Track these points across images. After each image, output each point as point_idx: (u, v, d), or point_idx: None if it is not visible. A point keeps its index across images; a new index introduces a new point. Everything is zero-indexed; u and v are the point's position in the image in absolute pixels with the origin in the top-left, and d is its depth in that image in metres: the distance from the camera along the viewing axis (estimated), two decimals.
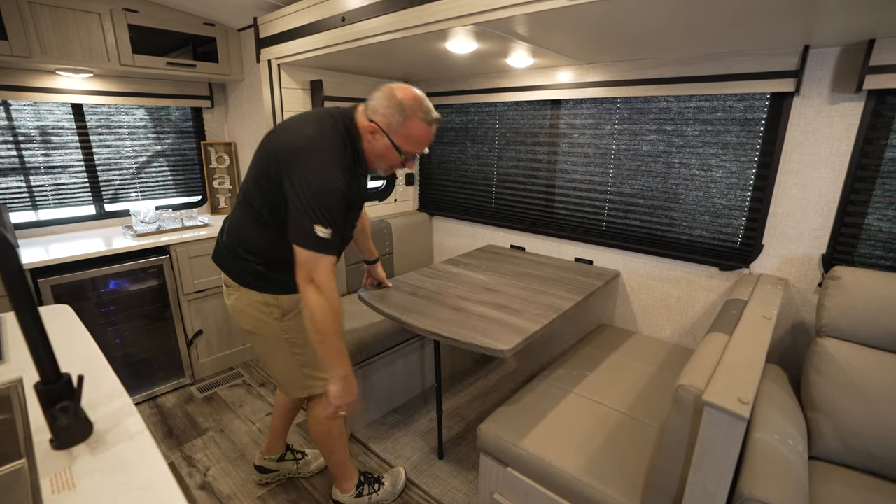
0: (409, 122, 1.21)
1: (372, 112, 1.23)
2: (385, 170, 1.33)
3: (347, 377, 1.25)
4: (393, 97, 1.20)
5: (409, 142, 1.24)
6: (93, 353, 1.06)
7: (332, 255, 1.16)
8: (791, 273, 1.71)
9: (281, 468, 1.81)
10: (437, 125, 1.29)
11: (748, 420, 0.86)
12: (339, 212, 1.16)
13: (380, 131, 1.22)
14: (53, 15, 1.94)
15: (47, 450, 0.72)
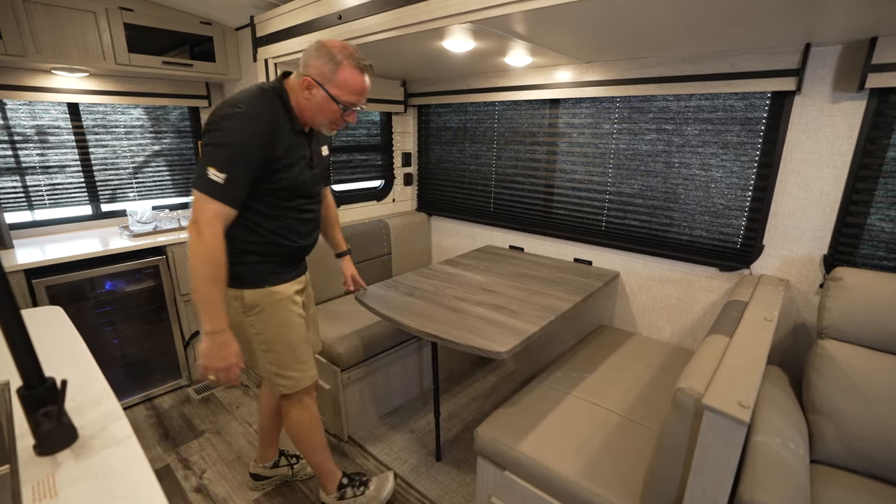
0: (342, 70, 1.21)
1: (304, 67, 1.23)
2: (328, 127, 1.31)
3: (218, 335, 1.17)
4: (322, 48, 1.21)
5: (344, 90, 1.22)
6: (82, 356, 1.04)
7: (221, 203, 1.14)
8: (792, 274, 1.69)
9: (276, 474, 1.78)
10: (371, 74, 1.28)
11: (749, 424, 0.84)
12: (241, 161, 1.14)
13: (315, 84, 1.21)
14: (48, 14, 1.92)
15: (31, 456, 0.71)
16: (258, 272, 1.33)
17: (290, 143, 1.26)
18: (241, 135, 1.14)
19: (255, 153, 1.17)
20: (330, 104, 1.23)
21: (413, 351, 2.23)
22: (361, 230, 2.54)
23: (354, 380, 1.98)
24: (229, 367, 1.20)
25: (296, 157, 1.29)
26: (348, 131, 2.63)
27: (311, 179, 1.38)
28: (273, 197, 1.29)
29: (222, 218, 1.16)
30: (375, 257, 2.63)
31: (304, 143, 1.33)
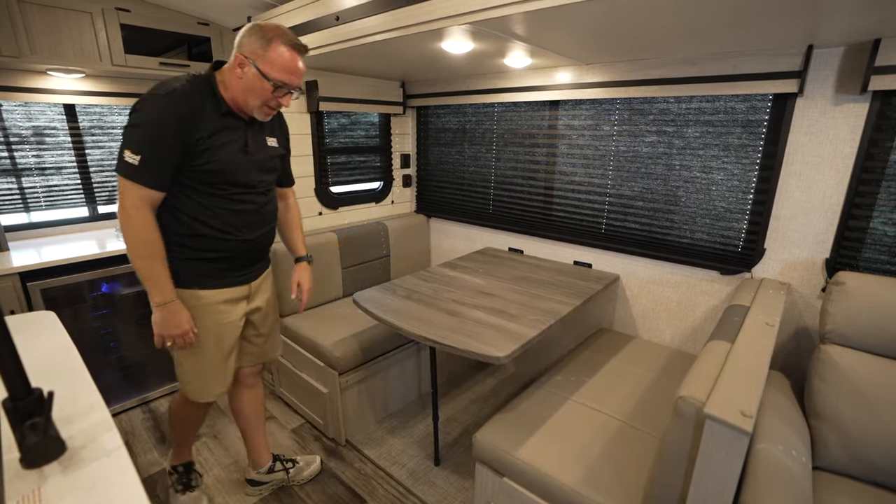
0: (273, 47, 1.21)
1: (237, 47, 1.23)
2: (260, 110, 1.29)
3: (168, 305, 1.23)
4: (254, 27, 1.22)
5: (276, 68, 1.22)
6: (74, 364, 1.02)
7: (139, 185, 1.16)
8: (794, 277, 1.68)
9: (272, 479, 1.77)
10: (305, 54, 1.28)
11: (751, 435, 0.82)
12: (156, 141, 1.15)
13: (247, 61, 1.21)
14: (44, 14, 1.90)
15: (17, 469, 0.69)
16: (190, 271, 1.32)
17: (216, 126, 1.24)
18: (154, 116, 1.15)
19: (170, 132, 1.16)
20: (261, 82, 1.22)
21: (411, 354, 2.21)
22: (360, 232, 2.53)
23: (352, 383, 1.96)
24: (184, 332, 1.27)
25: (223, 140, 1.26)
26: (346, 132, 2.62)
27: (247, 166, 1.33)
28: (202, 183, 1.26)
29: (145, 200, 1.18)
30: (374, 259, 2.62)
31: (238, 127, 1.30)
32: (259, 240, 1.43)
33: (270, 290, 1.59)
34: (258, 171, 1.37)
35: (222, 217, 1.31)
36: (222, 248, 1.35)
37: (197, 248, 1.31)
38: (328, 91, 2.29)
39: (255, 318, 1.53)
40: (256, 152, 1.36)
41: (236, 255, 1.39)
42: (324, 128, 2.46)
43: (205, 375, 1.42)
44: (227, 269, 1.39)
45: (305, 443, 2.04)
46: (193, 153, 1.21)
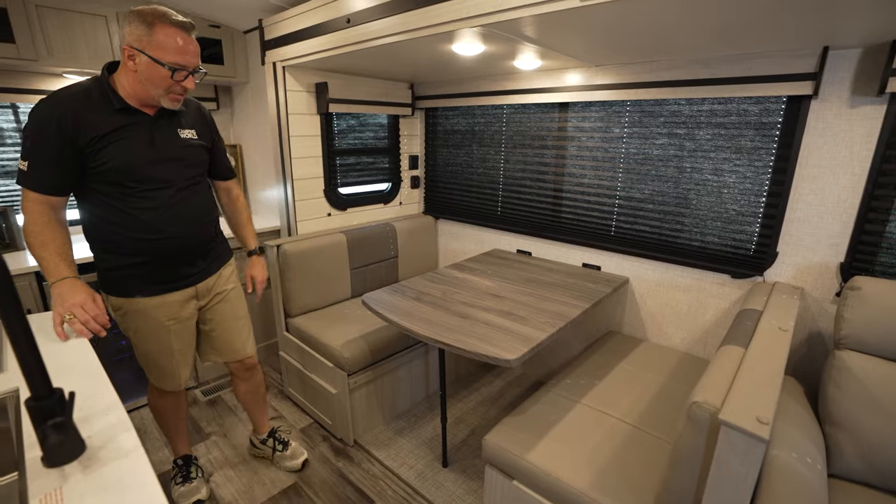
0: (156, 29, 1.17)
1: (123, 40, 1.20)
2: (167, 98, 1.26)
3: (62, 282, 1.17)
4: (133, 14, 1.18)
5: (166, 50, 1.18)
6: (91, 364, 1.04)
7: (29, 189, 1.19)
8: (807, 282, 1.66)
9: (262, 450, 1.92)
10: (193, 31, 1.25)
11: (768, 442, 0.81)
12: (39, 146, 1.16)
13: (135, 51, 1.17)
14: (60, 18, 1.93)
15: (39, 467, 0.70)
16: (123, 279, 1.33)
17: (112, 124, 1.22)
18: (36, 123, 1.16)
19: (52, 136, 1.16)
20: (156, 69, 1.19)
21: (419, 355, 2.22)
22: (368, 233, 2.54)
23: (361, 384, 1.97)
24: (83, 301, 1.16)
25: (121, 136, 1.24)
26: (355, 133, 2.63)
27: (153, 160, 1.29)
28: (111, 184, 1.25)
29: (40, 203, 1.20)
30: (382, 260, 2.62)
31: (140, 122, 1.27)
32: (187, 236, 1.39)
33: (230, 288, 1.59)
34: (170, 164, 1.33)
35: (139, 217, 1.29)
36: (147, 251, 1.33)
37: (123, 254, 1.31)
38: (337, 93, 2.30)
39: (210, 315, 1.56)
40: (165, 145, 1.32)
41: (164, 256, 1.36)
42: (333, 129, 2.47)
43: (156, 369, 1.49)
44: (160, 272, 1.37)
45: (314, 443, 2.04)
46: (89, 155, 1.21)
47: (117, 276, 1.33)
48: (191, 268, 1.45)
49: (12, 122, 2.18)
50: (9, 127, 2.17)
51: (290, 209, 2.34)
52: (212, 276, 1.52)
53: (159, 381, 1.53)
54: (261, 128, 2.58)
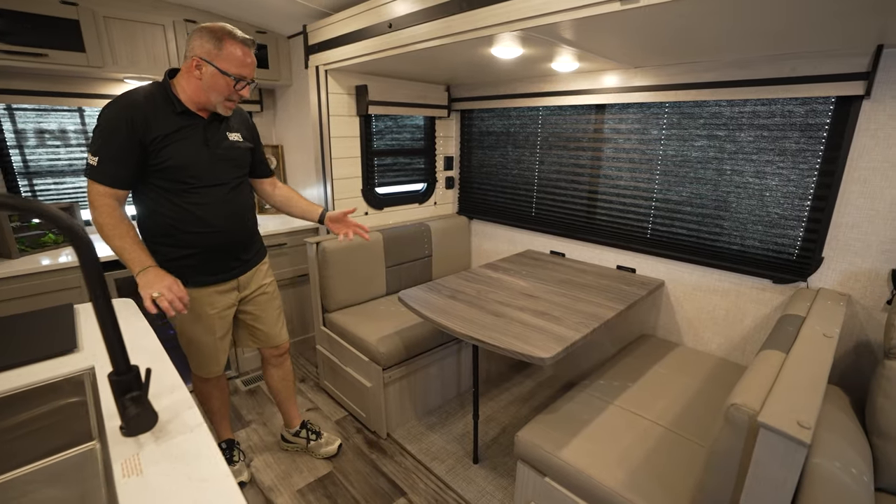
0: (225, 45, 1.31)
1: (190, 52, 1.32)
2: (223, 105, 1.39)
3: (147, 271, 1.28)
4: (203, 30, 1.32)
5: (232, 63, 1.33)
6: (154, 346, 1.13)
7: (98, 182, 1.29)
8: (855, 288, 1.60)
9: (296, 442, 1.99)
10: (254, 47, 1.39)
11: (809, 446, 0.81)
12: (110, 143, 1.27)
13: (203, 62, 1.31)
14: (124, 27, 2.08)
15: (117, 436, 0.78)
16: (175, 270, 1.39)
17: (172, 125, 1.34)
18: (108, 121, 1.27)
19: (123, 133, 1.27)
20: (220, 79, 1.33)
21: (452, 353, 2.26)
22: (403, 232, 2.60)
23: (395, 379, 2.02)
24: (169, 285, 1.26)
25: (181, 137, 1.36)
26: (392, 135, 2.70)
27: (209, 160, 1.42)
28: (169, 181, 1.37)
29: (106, 195, 1.30)
30: (416, 259, 2.68)
31: (196, 125, 1.40)
32: (234, 232, 1.52)
33: (267, 281, 1.72)
34: (222, 164, 1.46)
35: (194, 212, 1.41)
36: (198, 244, 1.45)
37: (176, 246, 1.43)
38: (377, 95, 2.37)
39: (250, 306, 1.68)
40: (217, 146, 1.45)
41: (213, 249, 1.48)
42: (371, 131, 2.55)
43: (199, 357, 1.60)
44: (209, 263, 1.49)
45: (348, 434, 2.12)
46: (152, 153, 1.32)
47: (169, 268, 1.40)
48: (235, 261, 1.57)
49: (78, 124, 2.35)
50: (76, 129, 2.34)
51: (329, 208, 2.42)
52: (251, 270, 1.65)
53: (200, 368, 1.63)
54: (302, 129, 2.68)
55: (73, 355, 1.06)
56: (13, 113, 2.17)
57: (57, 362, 1.03)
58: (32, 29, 1.86)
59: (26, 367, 1.00)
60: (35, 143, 2.25)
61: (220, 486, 0.67)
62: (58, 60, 1.93)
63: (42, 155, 2.28)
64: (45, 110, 2.24)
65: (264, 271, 1.72)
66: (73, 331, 1.17)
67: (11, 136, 2.18)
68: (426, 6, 1.61)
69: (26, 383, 0.94)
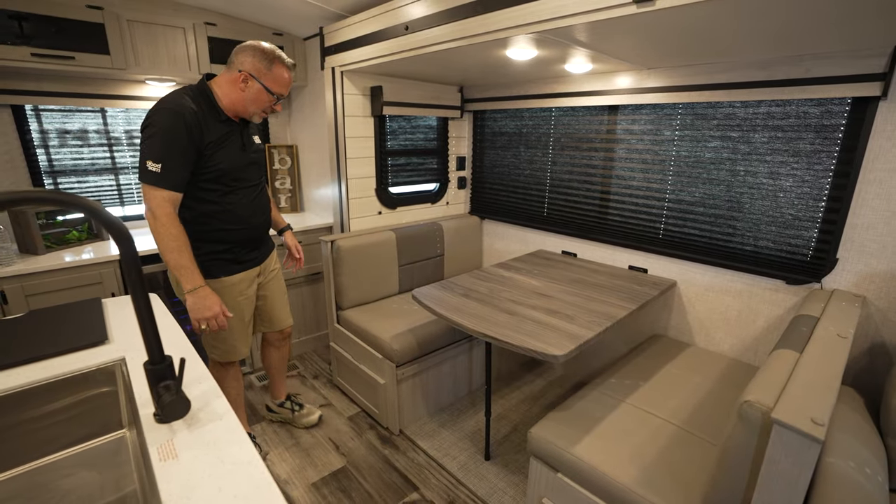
0: (275, 67, 1.47)
1: (239, 64, 1.45)
2: (258, 115, 1.54)
3: (198, 291, 1.39)
4: (256, 49, 1.46)
5: (277, 83, 1.49)
6: (181, 339, 1.17)
7: (163, 188, 1.35)
8: (870, 290, 1.60)
9: (280, 412, 2.15)
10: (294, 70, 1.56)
11: (823, 443, 0.82)
12: (172, 149, 1.34)
13: (251, 78, 1.44)
14: (146, 30, 2.14)
15: (151, 422, 0.82)
16: (210, 262, 1.54)
17: (219, 132, 1.46)
18: (167, 127, 1.33)
19: (183, 140, 1.35)
20: (264, 95, 1.48)
21: (464, 351, 2.28)
22: (416, 231, 2.63)
23: (408, 376, 2.05)
24: (216, 314, 1.41)
25: (226, 142, 1.48)
26: (406, 135, 2.73)
27: (247, 163, 1.57)
28: (214, 182, 1.48)
29: (169, 200, 1.37)
30: (429, 258, 2.71)
31: (235, 130, 1.53)
32: (261, 226, 1.69)
33: (277, 268, 1.89)
34: (253, 166, 1.62)
35: (233, 211, 1.55)
36: (233, 239, 1.59)
37: (215, 241, 1.55)
38: (391, 96, 2.41)
39: (265, 291, 1.83)
40: (250, 149, 1.60)
41: (245, 242, 1.63)
42: (385, 131, 2.58)
43: (231, 341, 1.69)
44: (240, 255, 1.63)
45: (361, 430, 2.15)
46: (205, 157, 1.43)
47: (205, 261, 1.53)
48: (258, 251, 1.73)
49: (100, 124, 2.41)
50: (97, 129, 2.41)
51: (343, 207, 2.46)
52: (267, 259, 1.81)
53: (227, 353, 1.71)
54: (317, 129, 2.73)
55: (104, 347, 1.11)
56: (39, 114, 2.24)
57: (89, 353, 1.07)
58: (60, 33, 1.92)
59: (61, 358, 1.05)
60: (59, 143, 2.31)
61: (252, 470, 0.71)
62: (84, 63, 1.99)
63: (66, 154, 2.34)
64: (69, 111, 2.31)
65: (274, 258, 1.88)
66: (103, 323, 1.22)
67: (38, 137, 2.24)
68: (442, 9, 1.64)
69: (62, 372, 0.99)
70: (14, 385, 0.93)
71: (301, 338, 2.83)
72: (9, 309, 1.86)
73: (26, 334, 1.14)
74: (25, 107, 2.18)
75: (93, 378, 1.02)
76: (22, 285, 1.87)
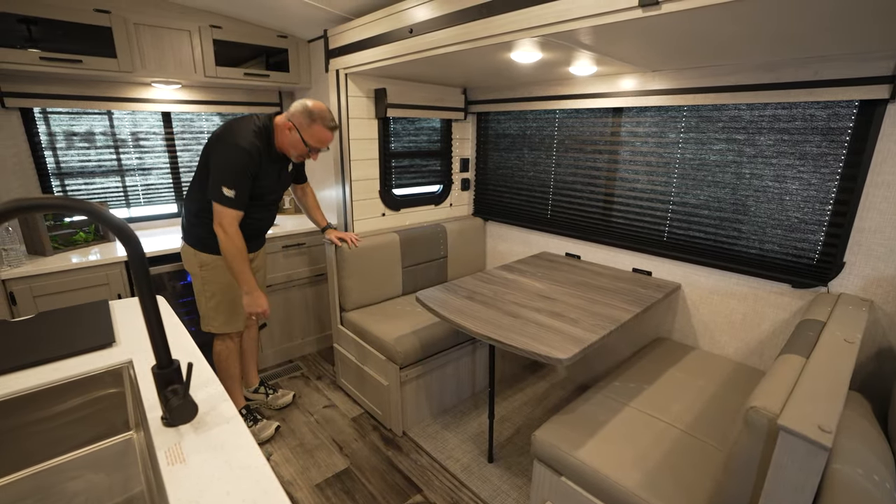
0: (314, 125, 1.75)
1: (291, 115, 1.76)
2: (296, 157, 1.86)
3: (253, 292, 1.80)
4: (306, 107, 1.74)
5: (313, 139, 1.77)
6: (188, 343, 1.17)
7: (236, 210, 1.71)
8: (877, 294, 1.59)
9: (255, 398, 2.31)
10: (336, 130, 1.83)
11: (830, 450, 0.82)
12: (242, 180, 1.69)
13: (294, 128, 1.74)
14: (152, 34, 2.15)
15: (159, 426, 0.82)
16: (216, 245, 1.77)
17: (268, 167, 1.80)
18: (242, 164, 1.68)
19: (249, 175, 1.72)
20: (301, 144, 1.78)
21: (467, 353, 2.28)
22: (420, 233, 2.63)
23: (411, 378, 2.06)
24: (264, 309, 1.85)
25: (269, 173, 1.83)
26: (410, 137, 2.73)
27: (276, 187, 1.93)
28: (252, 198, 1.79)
29: (237, 218, 1.73)
30: (432, 260, 2.71)
31: (278, 165, 1.87)
32: (264, 228, 2.03)
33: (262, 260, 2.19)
34: (281, 188, 1.98)
35: (253, 214, 1.86)
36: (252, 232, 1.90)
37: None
38: (395, 98, 2.41)
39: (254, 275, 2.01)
40: (284, 179, 1.97)
41: (257, 234, 2.00)
42: (389, 133, 2.59)
43: (230, 310, 1.94)
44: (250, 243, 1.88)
45: (365, 431, 2.15)
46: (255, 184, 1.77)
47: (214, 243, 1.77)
48: (259, 240, 2.07)
49: (107, 126, 2.43)
50: (104, 131, 2.42)
51: (347, 209, 2.47)
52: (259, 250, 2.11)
53: (229, 324, 1.95)
54: None
55: (112, 349, 1.11)
56: (48, 116, 2.25)
57: (97, 355, 1.08)
58: (67, 36, 1.94)
59: (69, 360, 1.05)
60: (66, 146, 2.33)
61: (259, 474, 0.71)
62: (91, 66, 2.01)
63: (73, 156, 2.36)
64: (76, 114, 2.32)
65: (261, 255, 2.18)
66: (111, 325, 1.23)
67: (46, 139, 2.26)
68: (447, 12, 1.64)
69: (71, 375, 0.99)
70: (24, 387, 0.94)
71: (305, 339, 2.84)
72: (17, 310, 1.88)
73: (36, 336, 1.15)
74: (34, 109, 2.20)
75: (101, 380, 1.02)
76: (30, 286, 1.89)
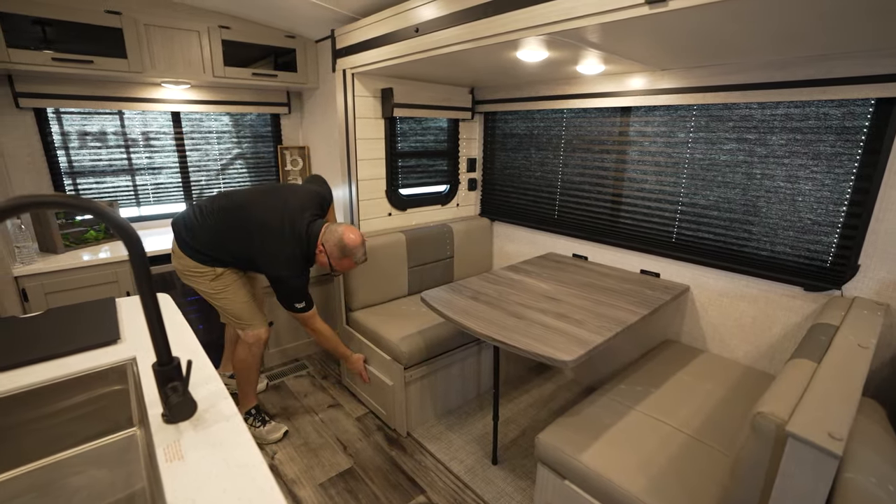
0: (345, 260, 1.88)
1: (325, 241, 1.86)
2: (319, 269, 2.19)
3: (351, 357, 2.17)
4: (341, 242, 1.85)
5: (340, 267, 1.93)
6: (190, 340, 1.18)
7: (311, 309, 1.94)
8: (893, 298, 1.55)
9: (230, 384, 2.35)
10: (363, 262, 1.97)
11: (840, 458, 0.79)
12: (305, 290, 1.91)
13: (325, 253, 1.87)
14: (162, 34, 2.17)
15: (159, 422, 0.82)
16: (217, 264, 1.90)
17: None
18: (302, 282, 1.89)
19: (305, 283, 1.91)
20: (327, 266, 1.92)
21: (472, 354, 2.27)
22: (426, 233, 2.63)
23: (416, 378, 2.05)
24: (361, 368, 2.18)
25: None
26: (416, 136, 2.73)
27: None
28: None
29: (316, 314, 1.98)
30: (438, 260, 2.70)
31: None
32: None
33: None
34: None
35: None
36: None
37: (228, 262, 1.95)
38: (402, 98, 2.41)
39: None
40: None
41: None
42: (396, 133, 2.59)
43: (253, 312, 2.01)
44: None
45: (369, 431, 2.15)
46: None
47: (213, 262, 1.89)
48: None
49: (118, 126, 2.46)
50: (115, 131, 2.45)
51: (353, 208, 2.47)
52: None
53: (252, 323, 1.99)
54: (328, 131, 2.74)
55: (117, 346, 1.12)
56: (60, 116, 2.29)
57: (102, 352, 1.09)
58: (79, 37, 1.96)
59: (75, 356, 1.06)
60: (79, 145, 2.37)
61: (256, 473, 0.71)
62: (102, 67, 2.03)
63: (85, 156, 2.39)
64: (88, 114, 2.36)
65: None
66: (116, 323, 1.24)
67: (59, 139, 2.30)
68: (453, 11, 1.63)
69: (75, 371, 1.00)
70: (29, 383, 0.95)
71: (311, 338, 2.85)
72: (29, 306, 1.91)
73: (43, 332, 1.17)
74: (47, 110, 2.23)
75: (105, 377, 1.03)
76: (42, 283, 1.92)
